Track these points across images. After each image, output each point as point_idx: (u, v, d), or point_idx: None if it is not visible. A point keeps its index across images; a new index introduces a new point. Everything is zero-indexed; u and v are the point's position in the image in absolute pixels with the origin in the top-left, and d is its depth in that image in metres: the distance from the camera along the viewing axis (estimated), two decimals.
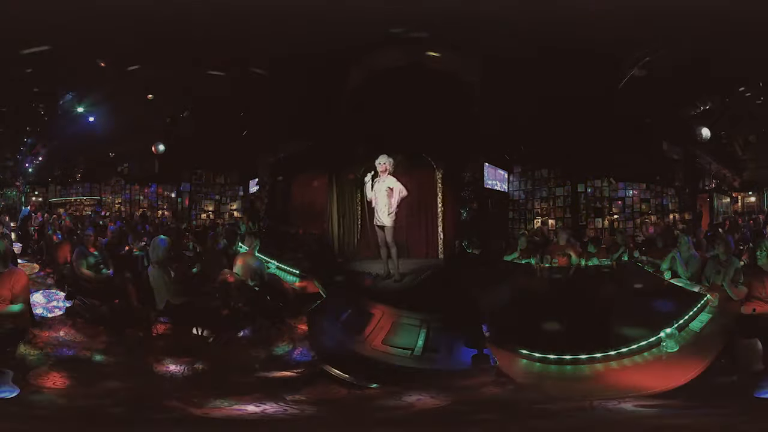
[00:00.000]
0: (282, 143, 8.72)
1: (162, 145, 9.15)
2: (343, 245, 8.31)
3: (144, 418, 4.12)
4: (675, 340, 5.00)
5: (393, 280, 7.03)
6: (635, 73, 7.27)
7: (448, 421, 4.14)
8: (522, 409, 4.29)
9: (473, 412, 4.23)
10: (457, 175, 7.94)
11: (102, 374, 4.99)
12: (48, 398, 4.42)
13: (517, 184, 9.25)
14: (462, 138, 7.55)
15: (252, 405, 4.40)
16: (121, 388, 4.72)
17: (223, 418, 4.19)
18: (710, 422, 3.83)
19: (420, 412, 4.30)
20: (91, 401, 4.40)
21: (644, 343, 4.99)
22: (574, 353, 4.90)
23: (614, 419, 3.92)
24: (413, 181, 7.63)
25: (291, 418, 4.26)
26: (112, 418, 4.07)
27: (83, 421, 4.06)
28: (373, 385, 4.86)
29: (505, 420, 4.11)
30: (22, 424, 3.84)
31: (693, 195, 8.88)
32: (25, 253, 8.63)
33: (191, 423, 4.09)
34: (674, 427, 3.84)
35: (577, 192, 8.99)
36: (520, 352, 5.00)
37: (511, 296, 6.06)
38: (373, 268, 7.45)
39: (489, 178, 8.25)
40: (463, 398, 4.49)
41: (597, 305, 5.67)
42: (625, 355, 4.94)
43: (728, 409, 4.02)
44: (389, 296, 6.41)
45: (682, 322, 5.22)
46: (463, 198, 7.88)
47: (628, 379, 4.73)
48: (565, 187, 9.04)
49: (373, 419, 4.29)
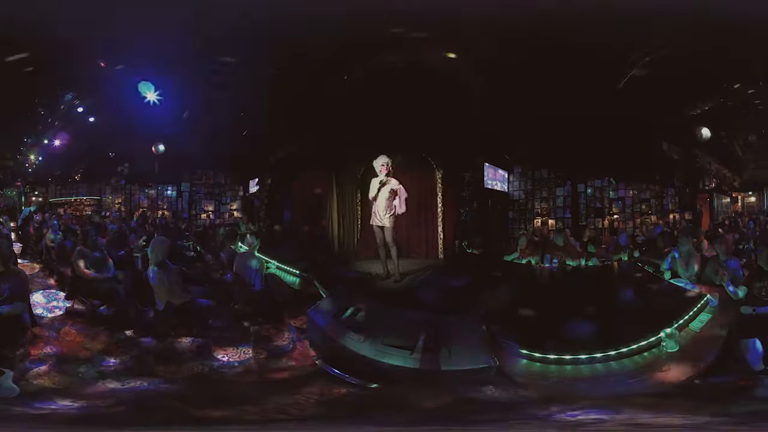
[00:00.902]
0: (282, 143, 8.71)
1: (162, 145, 9.16)
2: (343, 245, 8.32)
3: (144, 419, 4.12)
4: (675, 340, 5.00)
5: (393, 280, 7.03)
6: (635, 73, 7.27)
7: (448, 421, 4.14)
8: (522, 409, 4.29)
9: (473, 412, 4.23)
10: (457, 175, 7.94)
11: (102, 374, 4.99)
12: (48, 398, 4.42)
13: (517, 184, 9.25)
14: (462, 138, 7.55)
15: (252, 405, 4.40)
16: (121, 388, 4.73)
17: (223, 418, 4.19)
18: (710, 422, 3.83)
19: (420, 412, 4.30)
20: (91, 401, 4.40)
21: (644, 343, 4.99)
22: (574, 353, 4.90)
23: (614, 419, 3.92)
24: (413, 181, 7.63)
25: (291, 418, 4.27)
26: (111, 418, 4.07)
27: (83, 421, 4.06)
28: (373, 385, 4.86)
29: (505, 420, 4.11)
30: (22, 424, 3.84)
31: (693, 195, 8.88)
32: (25, 253, 8.64)
33: (191, 423, 4.10)
34: (674, 427, 3.84)
35: (577, 192, 8.99)
36: (520, 352, 5.00)
37: (511, 296, 6.06)
38: (372, 269, 7.47)
39: (489, 178, 8.24)
40: (463, 398, 4.49)
41: (597, 305, 5.66)
42: (625, 355, 4.94)
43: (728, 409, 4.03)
44: (389, 296, 6.41)
45: (682, 322, 5.22)
46: (463, 198, 7.88)
47: (628, 379, 4.73)
48: (565, 187, 9.04)
49: (373, 419, 4.29)
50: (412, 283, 6.93)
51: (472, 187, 7.83)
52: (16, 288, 4.58)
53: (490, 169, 8.22)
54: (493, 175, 8.40)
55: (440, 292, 6.42)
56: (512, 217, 9.22)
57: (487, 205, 8.08)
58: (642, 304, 5.76)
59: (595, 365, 4.89)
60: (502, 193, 8.81)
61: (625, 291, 6.14)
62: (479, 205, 7.89)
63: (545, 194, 9.14)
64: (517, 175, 9.26)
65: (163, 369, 5.22)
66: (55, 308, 6.31)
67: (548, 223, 9.04)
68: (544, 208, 9.14)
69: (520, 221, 9.22)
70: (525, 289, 6.56)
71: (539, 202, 9.16)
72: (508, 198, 9.07)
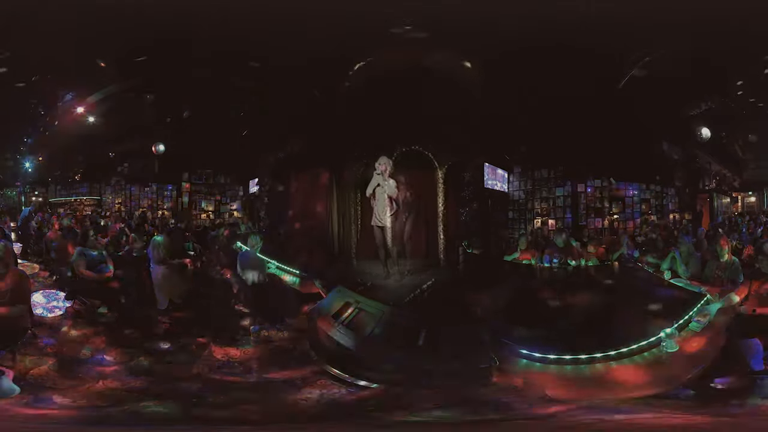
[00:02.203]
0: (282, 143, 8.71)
1: (162, 145, 9.16)
2: (342, 245, 8.31)
3: (144, 419, 4.12)
4: (675, 340, 5.00)
5: (393, 280, 7.03)
6: (635, 73, 7.28)
7: (448, 421, 4.14)
8: (522, 409, 4.28)
9: (473, 413, 4.23)
10: (457, 175, 7.94)
11: (102, 374, 4.99)
12: (48, 398, 4.42)
13: (517, 184, 9.25)
14: (462, 138, 7.54)
15: (252, 405, 4.40)
16: (121, 388, 4.72)
17: (223, 419, 4.19)
18: (710, 423, 3.83)
19: (420, 412, 4.30)
20: (91, 401, 4.40)
21: (644, 343, 4.98)
22: (574, 353, 4.90)
23: (614, 419, 3.92)
24: (413, 181, 7.62)
25: (291, 419, 4.26)
26: (112, 419, 4.07)
27: (83, 421, 4.06)
28: (373, 385, 4.86)
29: (505, 420, 4.11)
30: (22, 424, 3.84)
31: (693, 195, 8.88)
32: (25, 253, 8.63)
33: (191, 423, 4.09)
34: (673, 427, 3.84)
35: (577, 192, 8.99)
36: (520, 352, 5.00)
37: (511, 296, 6.06)
38: (372, 269, 7.48)
39: (489, 178, 8.23)
40: (464, 399, 4.49)
41: (597, 305, 5.66)
42: (625, 355, 4.93)
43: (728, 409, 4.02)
44: (389, 296, 6.41)
45: (682, 322, 5.22)
46: (463, 198, 7.87)
47: (628, 379, 4.73)
48: (565, 187, 9.04)
49: (373, 419, 4.29)
50: (412, 282, 6.93)
51: (472, 187, 7.82)
52: (17, 289, 4.58)
53: (490, 169, 8.21)
54: (493, 175, 8.39)
55: (440, 293, 6.42)
56: (512, 217, 9.22)
57: (487, 205, 8.08)
58: (642, 304, 5.75)
59: (595, 365, 4.89)
60: (502, 193, 8.80)
61: (625, 291, 6.14)
62: (479, 205, 7.88)
63: (545, 194, 9.14)
64: (517, 175, 9.26)
65: (163, 368, 5.22)
66: (55, 308, 6.30)
67: (548, 223, 9.04)
68: (544, 208, 9.14)
69: (520, 221, 9.22)
70: (525, 289, 6.56)
71: (539, 202, 9.16)
72: (508, 198, 9.07)
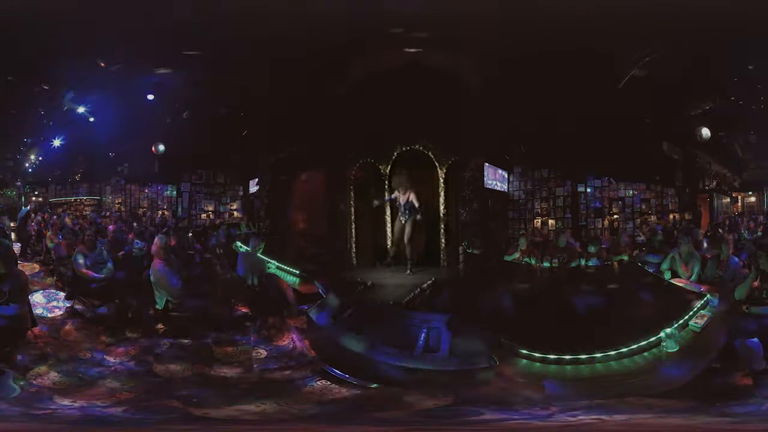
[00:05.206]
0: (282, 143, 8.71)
1: (162, 145, 9.16)
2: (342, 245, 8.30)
3: (144, 419, 4.12)
4: (675, 340, 5.00)
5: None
6: (635, 73, 7.27)
7: (448, 421, 4.14)
8: (522, 409, 4.29)
9: (473, 413, 4.23)
10: (457, 175, 7.94)
11: (102, 374, 4.99)
12: (48, 398, 4.42)
13: (517, 184, 9.25)
14: (462, 138, 7.55)
15: (252, 405, 4.40)
16: (121, 388, 4.73)
17: (223, 419, 4.19)
18: (710, 422, 3.83)
19: (420, 412, 4.30)
20: (91, 401, 4.40)
21: (644, 343, 4.98)
22: (574, 353, 4.90)
23: (614, 419, 3.92)
24: (414, 181, 7.63)
25: (291, 418, 4.27)
26: (112, 419, 4.07)
27: (83, 422, 4.06)
28: (373, 385, 4.86)
29: (505, 420, 4.11)
30: (22, 424, 3.84)
31: (693, 195, 8.87)
32: (24, 253, 8.63)
33: (191, 423, 4.09)
34: (674, 427, 3.84)
35: (577, 192, 8.99)
36: (520, 352, 5.00)
37: (512, 296, 6.06)
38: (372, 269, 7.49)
39: (489, 178, 8.22)
40: (464, 398, 4.49)
41: (597, 305, 5.66)
42: (625, 355, 4.93)
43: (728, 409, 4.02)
44: (389, 296, 6.41)
45: (682, 322, 5.22)
46: (463, 198, 7.87)
47: (628, 379, 4.73)
48: (565, 187, 9.04)
49: (373, 419, 4.29)
50: (412, 281, 6.93)
51: (472, 187, 7.82)
52: (17, 289, 4.58)
53: (490, 169, 8.20)
54: (493, 175, 8.38)
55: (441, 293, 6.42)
56: (512, 217, 9.22)
57: (487, 205, 8.07)
58: (642, 304, 5.75)
59: (595, 365, 4.89)
60: (502, 193, 8.80)
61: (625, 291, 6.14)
62: (479, 205, 7.88)
63: (545, 194, 9.14)
64: (517, 175, 9.25)
65: (163, 368, 5.23)
66: (55, 308, 6.31)
67: (548, 223, 9.04)
68: (544, 208, 9.14)
69: (520, 221, 9.22)
70: (525, 289, 6.56)
71: (539, 202, 9.16)
72: (508, 198, 9.07)
